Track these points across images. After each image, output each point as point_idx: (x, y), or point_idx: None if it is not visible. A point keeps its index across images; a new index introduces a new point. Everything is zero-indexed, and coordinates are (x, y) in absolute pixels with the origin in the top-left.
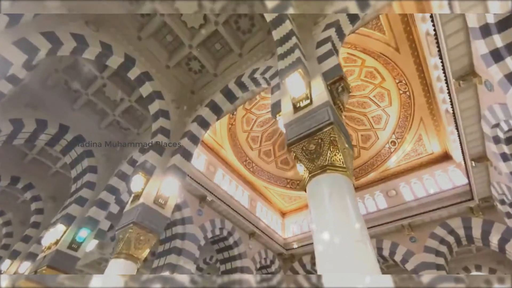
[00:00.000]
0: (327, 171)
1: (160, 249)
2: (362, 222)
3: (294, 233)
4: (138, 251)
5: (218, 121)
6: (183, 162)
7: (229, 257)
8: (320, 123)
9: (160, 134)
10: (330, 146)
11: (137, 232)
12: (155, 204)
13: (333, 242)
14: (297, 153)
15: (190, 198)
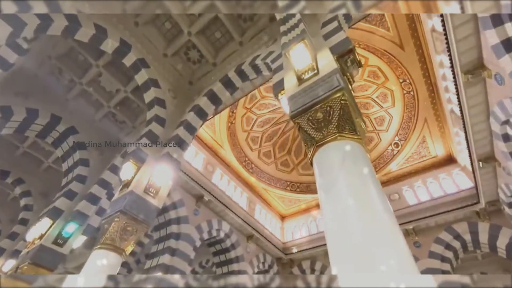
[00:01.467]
0: (337, 138)
1: (153, 249)
2: (383, 193)
3: (293, 237)
4: (124, 243)
5: (218, 119)
6: (177, 151)
7: (225, 260)
8: (329, 90)
9: (154, 122)
10: (340, 113)
11: (124, 222)
12: (146, 193)
13: (347, 215)
14: (302, 124)
15: (187, 197)
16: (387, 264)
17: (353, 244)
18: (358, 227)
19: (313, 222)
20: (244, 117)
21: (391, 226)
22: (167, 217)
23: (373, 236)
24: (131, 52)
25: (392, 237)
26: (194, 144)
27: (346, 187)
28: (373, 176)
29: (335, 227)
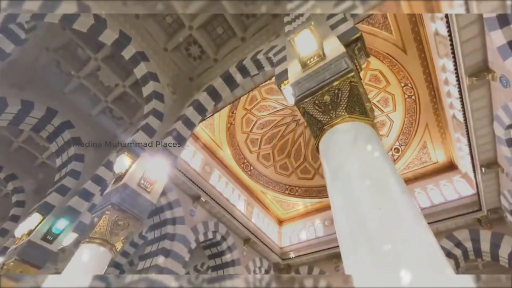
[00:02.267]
0: (347, 119)
1: (147, 250)
2: (399, 175)
3: (291, 242)
4: (114, 238)
5: (217, 120)
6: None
7: (221, 263)
8: (337, 73)
9: (152, 115)
10: (350, 95)
11: (115, 216)
12: (140, 187)
13: (361, 198)
14: (307, 109)
15: (183, 197)
16: (410, 253)
17: (369, 230)
18: (375, 211)
19: (311, 227)
20: (244, 118)
21: (411, 208)
22: (163, 217)
23: (391, 220)
24: (130, 44)
25: (414, 222)
26: (192, 144)
27: (359, 168)
28: (387, 158)
29: (347, 213)
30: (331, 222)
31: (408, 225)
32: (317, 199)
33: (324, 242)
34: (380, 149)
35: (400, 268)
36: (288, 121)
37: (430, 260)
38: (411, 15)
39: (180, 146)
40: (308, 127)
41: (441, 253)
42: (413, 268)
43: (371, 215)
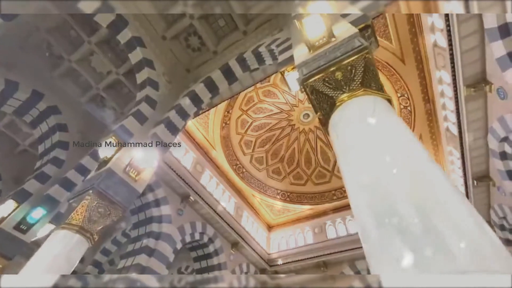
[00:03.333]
0: (363, 93)
1: (129, 248)
2: (424, 148)
3: (280, 248)
4: (93, 225)
5: (212, 118)
6: (166, 134)
7: (207, 266)
8: (351, 50)
9: (145, 102)
10: (365, 71)
11: (96, 202)
12: (126, 174)
13: (385, 172)
14: (316, 86)
15: (171, 195)
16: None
17: (398, 209)
18: (404, 185)
19: (301, 234)
20: (239, 119)
21: (444, 181)
22: (149, 214)
23: (428, 197)
24: (127, 28)
25: (450, 196)
26: (184, 142)
27: (382, 139)
28: (410, 131)
29: (369, 192)
30: (321, 230)
31: (443, 197)
32: (308, 206)
33: (313, 250)
34: (401, 122)
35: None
36: (283, 125)
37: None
38: (411, 25)
39: (173, 136)
40: (315, 107)
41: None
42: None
43: (400, 188)
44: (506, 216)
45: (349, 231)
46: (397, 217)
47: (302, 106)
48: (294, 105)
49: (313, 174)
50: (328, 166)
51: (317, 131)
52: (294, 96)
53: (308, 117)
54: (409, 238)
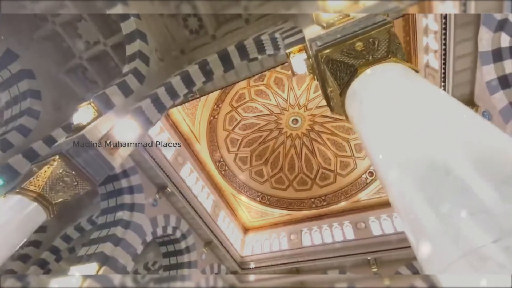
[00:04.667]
0: (390, 60)
1: (94, 235)
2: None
3: (253, 252)
4: (55, 195)
5: (200, 110)
6: (152, 110)
7: (176, 263)
8: (373, 24)
9: (132, 75)
10: (390, 43)
11: (62, 169)
12: (101, 144)
13: (430, 136)
14: (333, 56)
15: (147, 183)
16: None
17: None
18: (459, 142)
19: (276, 239)
20: (228, 115)
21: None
22: (120, 201)
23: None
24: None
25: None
26: (168, 130)
27: (420, 102)
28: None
29: (417, 159)
30: (296, 237)
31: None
32: (286, 211)
33: (287, 256)
34: (437, 87)
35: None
36: (271, 127)
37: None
38: (406, 43)
39: (158, 114)
40: (326, 80)
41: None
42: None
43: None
44: None
45: (324, 240)
46: (455, 176)
47: (292, 111)
48: (284, 109)
49: (295, 180)
50: (310, 174)
51: (304, 137)
52: (285, 99)
53: (297, 123)
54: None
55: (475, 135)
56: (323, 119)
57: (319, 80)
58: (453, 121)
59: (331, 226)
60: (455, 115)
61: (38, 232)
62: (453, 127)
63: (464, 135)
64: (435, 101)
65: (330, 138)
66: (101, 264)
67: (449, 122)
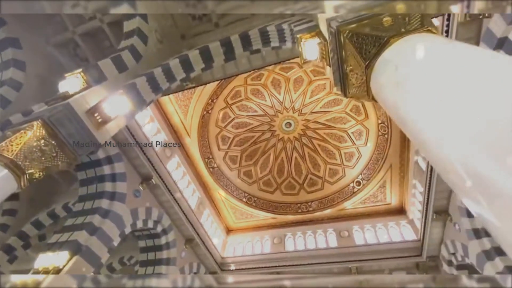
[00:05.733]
0: (424, 31)
1: (68, 223)
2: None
3: (235, 253)
4: (29, 164)
5: (193, 103)
6: (146, 89)
7: (154, 259)
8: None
9: (128, 51)
10: (422, 16)
11: (41, 136)
12: (88, 117)
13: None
14: (358, 30)
15: (132, 173)
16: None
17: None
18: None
19: (259, 242)
20: (222, 111)
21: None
22: (100, 188)
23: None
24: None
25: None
26: (158, 121)
27: (470, 63)
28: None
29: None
30: (280, 241)
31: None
32: (271, 214)
33: (269, 260)
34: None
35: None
36: (264, 129)
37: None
38: None
39: (153, 94)
40: (350, 55)
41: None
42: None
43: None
44: (456, 252)
45: (307, 246)
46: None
47: (286, 114)
48: (278, 111)
49: (283, 184)
50: (299, 179)
51: (295, 142)
52: (281, 102)
53: (290, 126)
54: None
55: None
56: (316, 125)
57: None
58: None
59: (315, 232)
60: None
61: (6, 215)
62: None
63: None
64: (490, 62)
65: (321, 145)
66: (73, 253)
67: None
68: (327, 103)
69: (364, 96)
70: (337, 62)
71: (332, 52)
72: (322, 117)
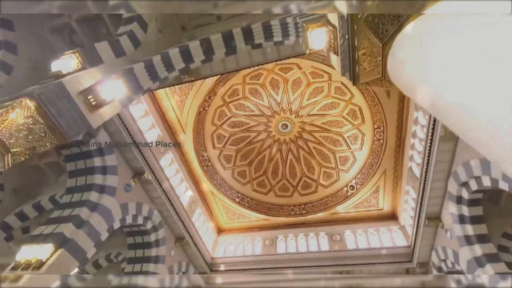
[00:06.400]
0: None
1: (55, 214)
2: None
3: (225, 254)
4: (15, 142)
5: (190, 99)
6: (144, 76)
7: (142, 257)
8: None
9: (127, 37)
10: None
11: (29, 114)
12: (81, 98)
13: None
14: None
15: (123, 166)
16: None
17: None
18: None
19: (250, 244)
20: (218, 109)
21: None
22: (90, 180)
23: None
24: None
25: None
26: (153, 115)
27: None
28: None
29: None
30: (271, 243)
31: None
32: (264, 216)
33: (260, 261)
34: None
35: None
36: (260, 129)
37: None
38: None
39: (151, 81)
40: (365, 37)
41: None
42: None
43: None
44: (446, 259)
45: (299, 249)
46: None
47: (283, 115)
48: (276, 112)
49: (277, 185)
50: (293, 181)
51: (291, 144)
52: (278, 103)
53: (286, 128)
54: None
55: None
56: (312, 128)
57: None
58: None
59: (307, 235)
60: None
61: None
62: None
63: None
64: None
65: (317, 148)
66: (58, 246)
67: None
68: (324, 106)
69: (376, 81)
70: (347, 48)
71: (342, 38)
72: (318, 120)
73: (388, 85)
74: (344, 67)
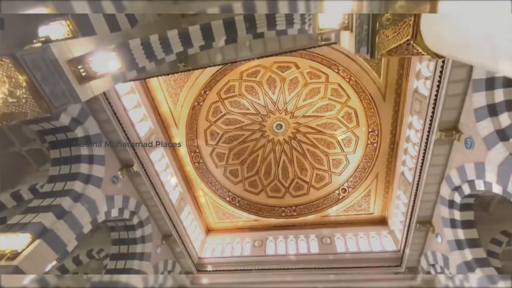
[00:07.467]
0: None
1: (35, 204)
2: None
3: (213, 254)
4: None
5: (185, 92)
6: (140, 53)
7: (126, 253)
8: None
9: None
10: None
11: (9, 75)
12: (70, 67)
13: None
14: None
15: (111, 156)
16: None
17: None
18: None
19: (239, 244)
20: (213, 105)
21: None
22: (75, 169)
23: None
24: None
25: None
26: (145, 107)
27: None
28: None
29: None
30: (261, 244)
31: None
32: (254, 216)
33: (248, 263)
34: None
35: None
36: (254, 128)
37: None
38: (400, 66)
39: (147, 60)
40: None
41: None
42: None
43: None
44: (436, 264)
45: (288, 251)
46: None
47: (278, 115)
48: (271, 112)
49: (269, 186)
50: (285, 182)
51: (285, 144)
52: (274, 102)
53: (281, 128)
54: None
55: None
56: (307, 129)
57: (368, 14)
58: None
59: (297, 237)
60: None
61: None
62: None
63: None
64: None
65: (310, 150)
66: (36, 237)
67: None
68: (320, 108)
69: (402, 47)
70: (366, 19)
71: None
72: (313, 122)
73: (415, 48)
74: (360, 42)
